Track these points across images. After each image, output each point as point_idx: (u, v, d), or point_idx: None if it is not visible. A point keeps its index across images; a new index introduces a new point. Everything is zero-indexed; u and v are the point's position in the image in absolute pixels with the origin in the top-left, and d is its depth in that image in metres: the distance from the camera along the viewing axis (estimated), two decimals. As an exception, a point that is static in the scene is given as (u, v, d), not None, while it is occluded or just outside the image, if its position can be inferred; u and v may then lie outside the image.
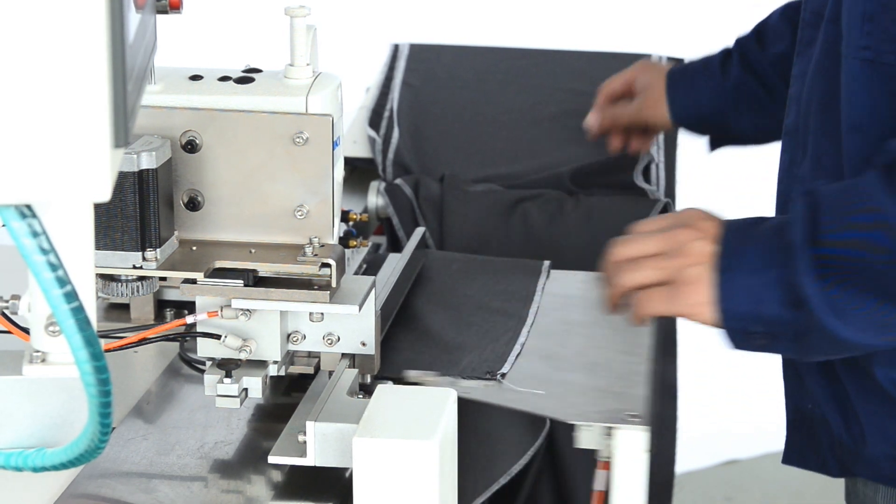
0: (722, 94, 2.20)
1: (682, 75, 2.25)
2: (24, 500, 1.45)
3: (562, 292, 1.92)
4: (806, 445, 1.79)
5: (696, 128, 2.27)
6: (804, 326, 1.53)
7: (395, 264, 1.88)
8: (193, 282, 1.55)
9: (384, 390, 1.49)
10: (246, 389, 1.58)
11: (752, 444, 3.93)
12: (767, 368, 1.94)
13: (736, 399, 3.78)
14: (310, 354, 1.67)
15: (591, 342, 1.77)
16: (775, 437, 4.00)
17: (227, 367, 1.56)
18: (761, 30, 2.19)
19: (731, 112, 2.20)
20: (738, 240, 1.57)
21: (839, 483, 1.86)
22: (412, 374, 1.67)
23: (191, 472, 1.53)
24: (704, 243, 1.58)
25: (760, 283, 1.54)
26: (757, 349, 1.59)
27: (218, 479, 1.52)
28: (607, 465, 1.55)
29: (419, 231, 2.02)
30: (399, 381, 1.68)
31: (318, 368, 1.66)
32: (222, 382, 1.56)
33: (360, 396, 1.55)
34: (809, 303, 1.51)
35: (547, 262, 1.99)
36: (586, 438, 1.56)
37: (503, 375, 1.67)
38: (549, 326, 1.81)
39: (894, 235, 1.49)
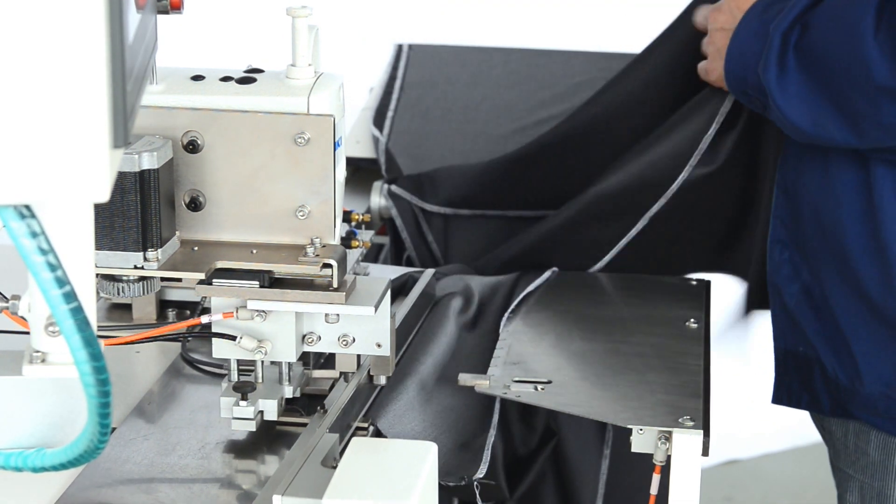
0: None
1: None
2: (24, 501, 1.45)
3: (609, 295, 1.91)
4: (797, 385, 1.86)
5: None
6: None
7: (399, 309, 1.87)
8: (209, 283, 1.55)
9: (359, 444, 1.44)
10: (262, 412, 1.58)
11: (752, 444, 3.93)
12: (766, 369, 1.95)
13: (736, 400, 3.77)
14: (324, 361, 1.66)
15: (643, 346, 1.76)
16: (775, 437, 3.99)
17: (243, 389, 1.56)
18: None
19: None
20: (754, 12, 1.82)
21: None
22: (464, 377, 1.66)
23: (192, 472, 1.52)
24: (721, 26, 1.88)
25: (751, 52, 1.80)
26: (759, 111, 1.84)
27: (219, 480, 1.52)
28: (660, 469, 1.55)
29: (428, 273, 2.00)
30: (380, 434, 1.66)
31: (332, 388, 1.66)
32: (238, 405, 1.56)
33: (336, 466, 1.47)
34: (765, 77, 1.75)
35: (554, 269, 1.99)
36: (641, 442, 1.56)
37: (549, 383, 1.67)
38: (598, 330, 1.80)
39: (871, 70, 1.65)
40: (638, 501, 1.96)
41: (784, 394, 1.88)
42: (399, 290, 1.95)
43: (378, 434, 1.64)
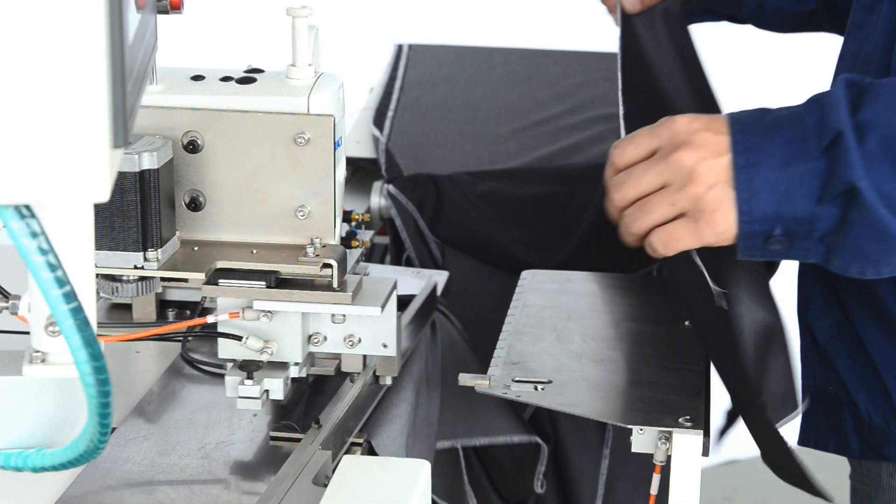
0: None
1: None
2: (24, 501, 1.45)
3: (606, 295, 1.91)
4: (825, 427, 1.77)
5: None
6: (838, 222, 1.41)
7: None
8: (215, 283, 1.55)
9: (350, 462, 1.42)
10: (267, 391, 1.58)
11: (752, 445, 3.92)
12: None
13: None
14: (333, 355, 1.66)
15: (642, 345, 1.76)
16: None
17: (249, 368, 1.56)
18: None
19: None
20: (752, 136, 1.43)
21: (840, 483, 1.86)
22: (464, 377, 1.66)
23: (192, 472, 1.52)
24: (713, 161, 1.43)
25: (788, 177, 1.39)
26: (770, 256, 1.47)
27: (219, 480, 1.52)
28: (660, 469, 1.55)
29: (434, 278, 1.99)
30: (373, 451, 1.64)
31: (338, 370, 1.66)
32: (243, 384, 1.56)
33: (327, 484, 1.45)
34: (861, 192, 1.37)
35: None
36: (641, 442, 1.56)
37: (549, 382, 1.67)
38: (598, 330, 1.80)
39: None
40: (638, 501, 1.96)
41: (811, 436, 1.79)
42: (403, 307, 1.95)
43: (371, 451, 1.64)
